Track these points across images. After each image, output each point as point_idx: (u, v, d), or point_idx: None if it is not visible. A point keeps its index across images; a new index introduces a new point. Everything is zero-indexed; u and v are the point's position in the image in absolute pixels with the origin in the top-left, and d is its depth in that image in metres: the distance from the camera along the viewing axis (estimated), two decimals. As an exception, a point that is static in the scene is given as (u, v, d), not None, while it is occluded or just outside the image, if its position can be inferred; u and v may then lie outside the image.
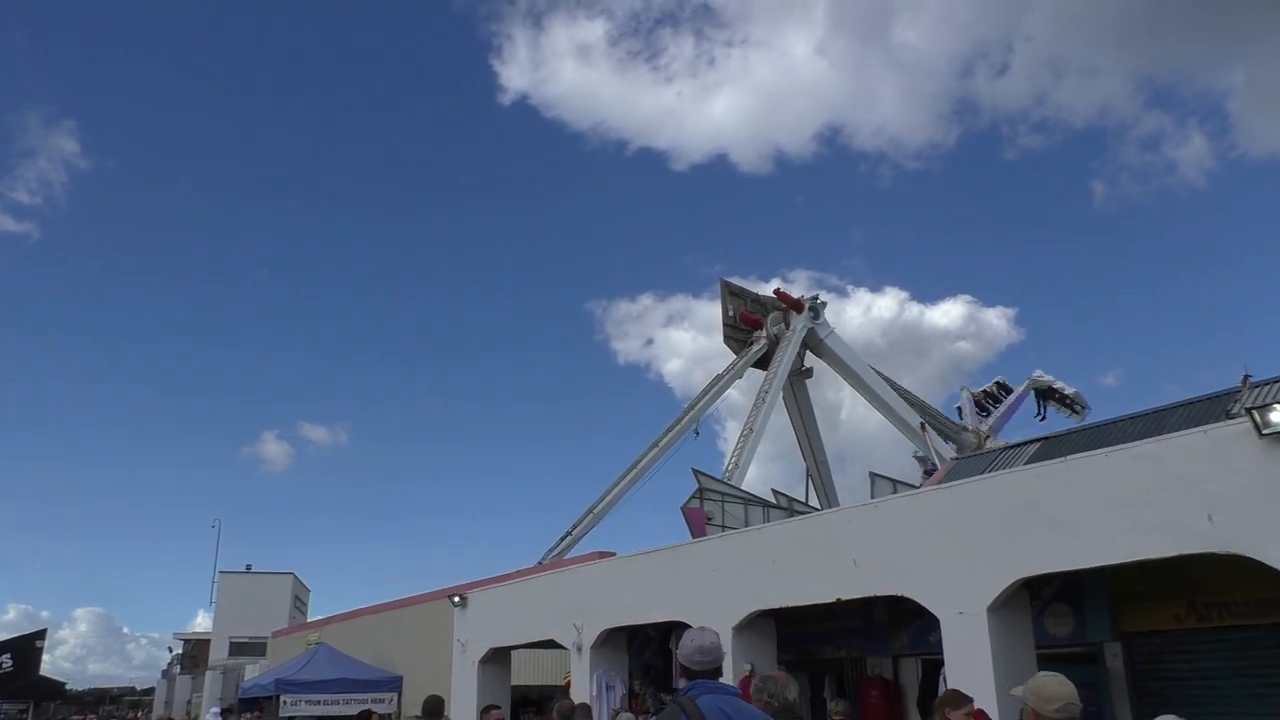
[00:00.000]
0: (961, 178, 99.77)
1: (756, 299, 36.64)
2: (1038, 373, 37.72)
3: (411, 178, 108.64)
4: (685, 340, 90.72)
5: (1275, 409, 7.24)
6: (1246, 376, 15.81)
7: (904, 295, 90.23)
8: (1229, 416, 11.82)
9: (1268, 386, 15.40)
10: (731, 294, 36.30)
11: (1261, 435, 7.28)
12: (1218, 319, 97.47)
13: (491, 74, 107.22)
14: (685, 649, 4.02)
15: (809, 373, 36.25)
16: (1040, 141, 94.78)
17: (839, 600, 10.91)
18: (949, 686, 8.40)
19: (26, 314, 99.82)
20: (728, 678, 11.19)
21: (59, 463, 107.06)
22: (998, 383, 37.72)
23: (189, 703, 48.27)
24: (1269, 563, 7.24)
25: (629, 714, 12.13)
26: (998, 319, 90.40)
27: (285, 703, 21.11)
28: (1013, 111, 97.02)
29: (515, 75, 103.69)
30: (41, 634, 41.30)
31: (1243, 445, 7.49)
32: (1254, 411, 7.35)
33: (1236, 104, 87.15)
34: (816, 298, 35.62)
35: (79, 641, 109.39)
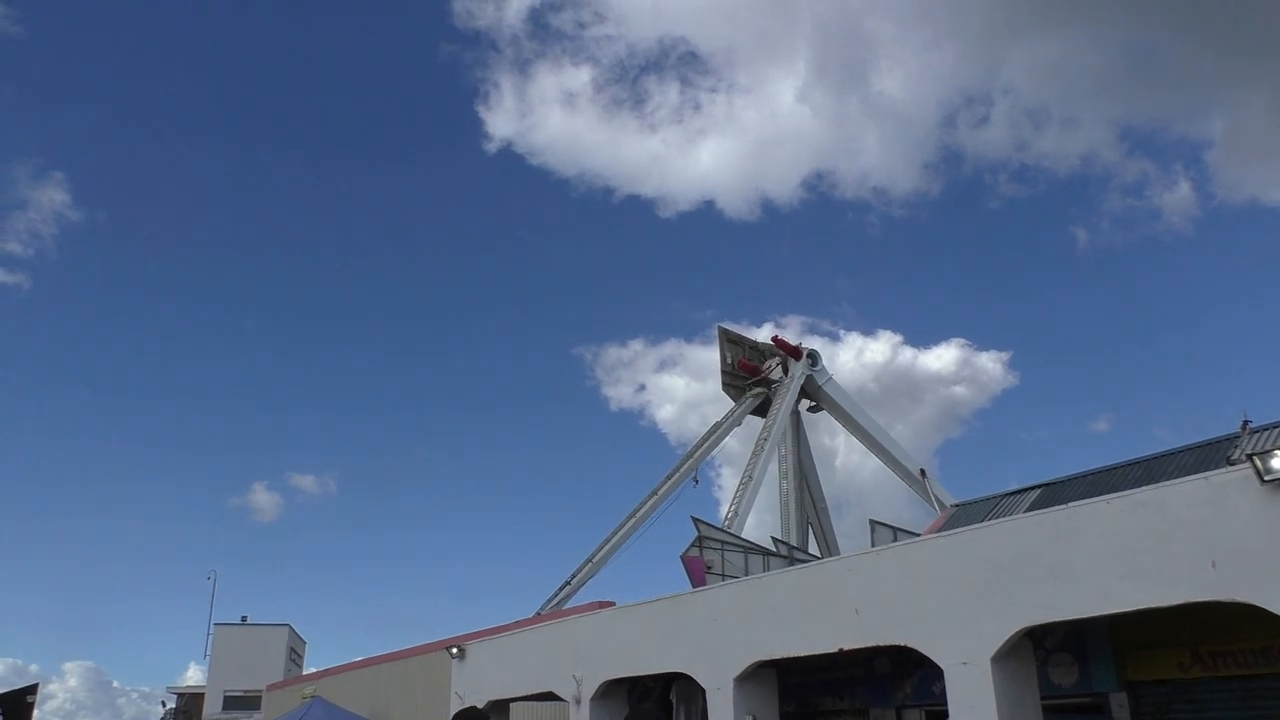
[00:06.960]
0: (949, 226, 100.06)
1: (754, 346, 36.77)
2: None
3: (396, 225, 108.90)
4: (678, 386, 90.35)
5: (1276, 455, 7.21)
6: (1246, 422, 15.80)
7: (897, 339, 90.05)
8: (1230, 462, 11.81)
9: (1268, 432, 15.39)
10: (730, 341, 36.44)
11: (1264, 481, 7.25)
12: (1207, 364, 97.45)
13: (477, 121, 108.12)
14: None
15: (817, 408, 36.09)
16: (1023, 190, 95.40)
17: (841, 650, 10.79)
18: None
19: (17, 365, 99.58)
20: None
21: (47, 515, 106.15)
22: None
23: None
24: (1274, 610, 7.17)
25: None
26: (992, 363, 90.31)
27: (279, 758, 20.80)
28: (994, 160, 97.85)
29: (501, 122, 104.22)
30: (33, 689, 40.58)
31: (1244, 491, 7.46)
32: (1255, 457, 7.33)
33: (1214, 154, 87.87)
34: (813, 360, 35.57)
35: (68, 696, 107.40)
